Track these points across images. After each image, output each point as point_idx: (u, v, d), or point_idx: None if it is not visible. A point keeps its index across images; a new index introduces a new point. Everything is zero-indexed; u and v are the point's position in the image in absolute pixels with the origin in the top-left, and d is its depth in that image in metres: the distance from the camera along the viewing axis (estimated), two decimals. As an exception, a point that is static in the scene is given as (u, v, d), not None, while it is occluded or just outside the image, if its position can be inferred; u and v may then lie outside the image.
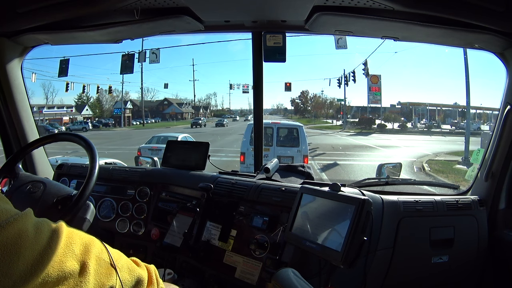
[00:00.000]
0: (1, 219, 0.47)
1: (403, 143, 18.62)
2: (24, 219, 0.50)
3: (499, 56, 1.40)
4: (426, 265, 1.39)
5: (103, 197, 1.68)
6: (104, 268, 0.59)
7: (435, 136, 23.58)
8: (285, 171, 1.67)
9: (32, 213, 0.52)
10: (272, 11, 1.47)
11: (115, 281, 0.60)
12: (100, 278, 0.57)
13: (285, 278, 0.88)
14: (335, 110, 38.72)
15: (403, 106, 33.09)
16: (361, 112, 32.00)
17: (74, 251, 0.54)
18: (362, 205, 0.98)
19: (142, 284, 0.66)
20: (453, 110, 31.16)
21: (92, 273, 0.55)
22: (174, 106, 39.62)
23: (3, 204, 0.50)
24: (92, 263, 0.56)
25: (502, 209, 1.47)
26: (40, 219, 0.53)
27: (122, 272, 0.62)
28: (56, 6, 1.25)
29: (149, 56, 4.84)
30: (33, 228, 0.50)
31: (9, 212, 0.49)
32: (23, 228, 0.49)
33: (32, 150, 1.39)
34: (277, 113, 44.77)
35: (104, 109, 35.17)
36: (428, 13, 1.21)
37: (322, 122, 36.72)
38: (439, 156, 13.67)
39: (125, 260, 0.66)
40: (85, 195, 1.08)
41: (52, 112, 29.84)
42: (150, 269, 0.70)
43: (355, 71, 12.05)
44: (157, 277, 0.71)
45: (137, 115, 34.65)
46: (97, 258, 0.58)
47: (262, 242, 1.24)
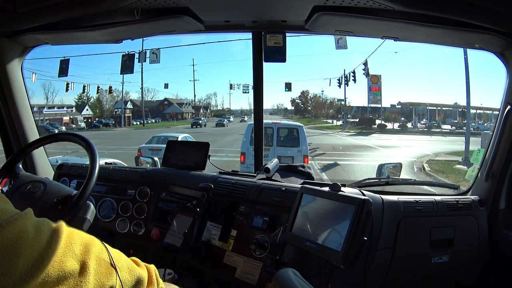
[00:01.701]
0: (1, 219, 0.47)
1: (403, 143, 18.55)
2: (24, 219, 0.50)
3: (499, 56, 1.40)
4: (426, 265, 1.39)
5: (103, 197, 1.68)
6: (104, 268, 0.59)
7: (435, 136, 23.55)
8: (285, 171, 1.67)
9: (32, 213, 0.52)
10: (272, 11, 1.47)
11: (115, 281, 0.60)
12: (100, 278, 0.57)
13: (285, 278, 0.88)
14: (335, 110, 38.57)
15: (403, 106, 32.95)
16: (361, 112, 31.89)
17: (74, 251, 0.54)
18: (362, 205, 0.98)
19: (142, 284, 0.66)
20: (453, 110, 31.07)
21: (92, 273, 0.55)
22: (174, 106, 39.48)
23: (3, 204, 0.50)
24: (92, 263, 0.56)
25: (502, 209, 1.47)
26: (40, 219, 0.53)
27: (122, 272, 0.62)
28: (56, 6, 1.25)
29: (149, 56, 4.82)
30: (33, 228, 0.50)
31: (9, 212, 0.49)
32: (23, 228, 0.49)
33: (32, 150, 1.39)
34: (277, 113, 44.60)
35: (104, 109, 34.99)
36: (428, 13, 1.21)
37: (322, 122, 36.59)
38: (439, 156, 13.62)
39: (125, 260, 0.66)
40: (85, 195, 1.08)
41: (52, 112, 29.69)
42: (150, 269, 0.70)
43: (355, 71, 12.01)
44: (157, 277, 0.71)
45: (137, 115, 34.50)
46: (97, 258, 0.58)
47: (262, 242, 1.24)
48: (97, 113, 34.06)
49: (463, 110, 26.59)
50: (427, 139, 21.98)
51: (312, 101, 42.43)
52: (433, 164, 11.47)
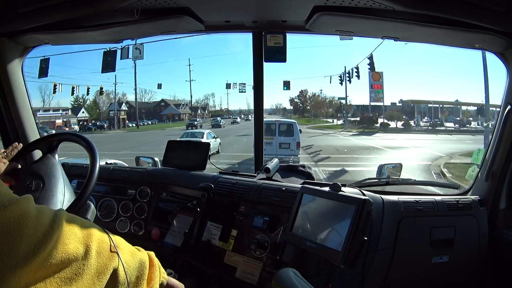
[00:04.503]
0: (3, 200, 0.47)
1: (410, 143, 17.33)
2: (26, 201, 0.50)
3: (499, 56, 1.40)
4: (426, 265, 1.39)
5: (103, 197, 1.68)
6: (106, 250, 0.59)
7: (441, 135, 22.60)
8: (286, 171, 1.67)
9: (32, 199, 0.53)
10: (272, 11, 1.47)
11: (117, 263, 0.60)
12: (103, 260, 0.58)
13: (285, 278, 0.88)
14: (335, 109, 37.88)
15: (405, 105, 32.10)
16: (361, 111, 31.20)
17: (77, 234, 0.55)
18: (362, 205, 0.98)
19: (145, 267, 0.67)
20: (455, 107, 30.59)
21: (95, 255, 0.56)
22: (171, 107, 38.73)
23: (4, 188, 0.50)
24: (94, 245, 0.57)
25: (502, 209, 1.47)
26: (40, 206, 0.54)
27: (124, 254, 0.63)
28: (57, 6, 1.25)
29: (132, 52, 4.23)
30: (35, 210, 0.51)
31: (11, 195, 0.50)
32: (25, 209, 0.49)
33: (33, 150, 1.39)
34: (276, 113, 43.87)
35: (101, 111, 34.09)
36: (428, 13, 1.21)
37: (322, 122, 35.71)
38: (454, 158, 12.35)
39: (126, 244, 0.67)
40: (86, 195, 1.08)
41: (47, 115, 28.66)
42: (151, 254, 0.72)
43: (358, 66, 11.16)
44: (158, 262, 0.72)
45: (133, 117, 33.71)
46: (99, 241, 0.58)
47: (262, 242, 1.24)
48: (93, 115, 33.24)
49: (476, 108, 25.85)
50: (433, 138, 20.86)
51: (311, 100, 42.09)
52: (452, 169, 10.14)
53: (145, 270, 0.67)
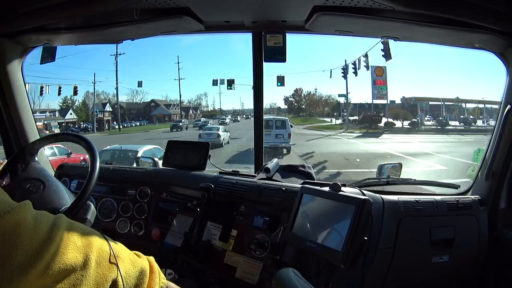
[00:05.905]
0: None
1: (429, 147, 14.37)
2: (23, 209, 0.49)
3: (499, 56, 1.40)
4: (426, 265, 1.39)
5: (103, 197, 1.68)
6: (106, 260, 0.58)
7: (452, 136, 19.84)
8: (286, 171, 1.67)
9: (31, 205, 0.52)
10: (272, 11, 1.47)
11: (117, 273, 0.59)
12: (102, 270, 0.57)
13: (285, 278, 0.88)
14: (331, 108, 35.79)
15: (406, 102, 29.54)
16: (359, 109, 29.24)
17: (76, 243, 0.54)
18: (362, 205, 0.98)
19: (145, 275, 0.66)
20: (457, 105, 28.49)
21: (94, 265, 0.55)
22: (162, 107, 37.08)
23: (1, 195, 0.49)
24: (94, 255, 0.56)
25: (502, 209, 1.47)
26: (39, 211, 0.53)
27: (124, 263, 0.62)
28: (57, 6, 1.25)
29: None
30: (32, 219, 0.50)
31: (8, 202, 0.48)
32: (22, 219, 0.48)
33: (17, 164, 1.37)
34: (270, 112, 42.45)
35: (90, 113, 31.72)
36: (428, 13, 1.21)
37: (319, 121, 33.58)
38: None
39: (127, 252, 0.66)
40: (86, 195, 1.08)
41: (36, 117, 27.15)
42: (151, 260, 0.71)
43: (356, 62, 10.30)
44: (158, 267, 0.71)
45: (122, 119, 32.00)
46: (99, 250, 0.57)
47: (262, 242, 1.24)
48: (82, 117, 31.30)
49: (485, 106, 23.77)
50: (446, 139, 18.01)
51: (306, 99, 41.21)
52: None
53: (145, 279, 0.66)
